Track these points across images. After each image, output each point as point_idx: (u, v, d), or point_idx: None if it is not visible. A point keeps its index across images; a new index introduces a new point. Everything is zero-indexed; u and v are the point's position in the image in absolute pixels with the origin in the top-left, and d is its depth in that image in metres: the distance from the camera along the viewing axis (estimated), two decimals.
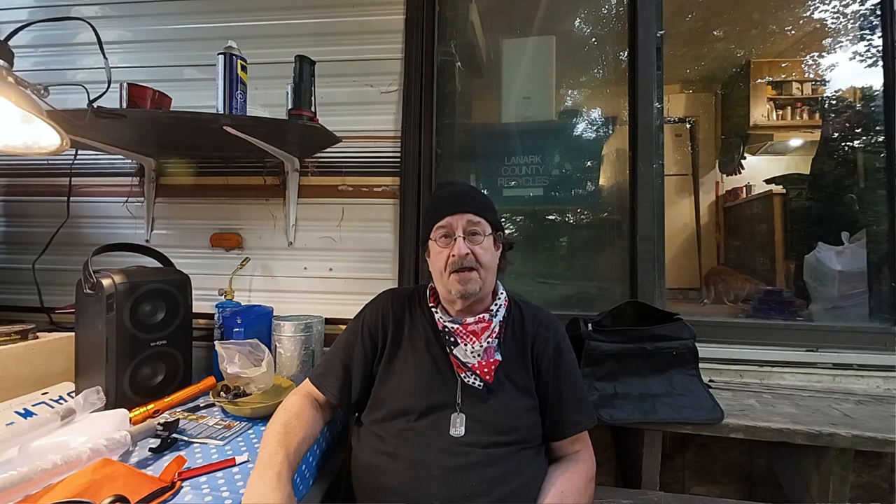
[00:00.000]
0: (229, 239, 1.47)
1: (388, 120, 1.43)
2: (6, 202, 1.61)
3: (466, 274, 0.81)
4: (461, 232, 0.82)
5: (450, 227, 0.83)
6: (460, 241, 0.81)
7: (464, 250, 0.80)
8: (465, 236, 0.82)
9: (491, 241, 0.85)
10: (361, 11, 1.45)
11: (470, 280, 0.81)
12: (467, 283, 0.81)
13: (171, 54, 1.53)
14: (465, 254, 0.80)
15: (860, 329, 1.30)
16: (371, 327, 0.90)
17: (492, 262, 0.85)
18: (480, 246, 0.83)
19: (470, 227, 0.83)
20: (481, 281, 0.83)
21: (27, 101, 0.80)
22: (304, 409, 0.83)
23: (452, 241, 0.82)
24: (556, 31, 1.67)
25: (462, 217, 0.83)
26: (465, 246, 0.80)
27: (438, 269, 0.84)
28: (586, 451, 0.87)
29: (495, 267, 0.87)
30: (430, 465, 0.76)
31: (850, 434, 0.91)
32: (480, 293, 0.84)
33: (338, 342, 0.93)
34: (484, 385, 0.82)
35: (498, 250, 0.89)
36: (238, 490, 0.69)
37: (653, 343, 1.06)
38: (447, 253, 0.82)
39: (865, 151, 1.85)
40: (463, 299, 0.83)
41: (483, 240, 0.83)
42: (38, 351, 1.08)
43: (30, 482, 0.63)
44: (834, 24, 2.67)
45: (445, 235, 0.83)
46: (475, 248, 0.82)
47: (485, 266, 0.83)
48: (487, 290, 0.87)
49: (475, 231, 0.83)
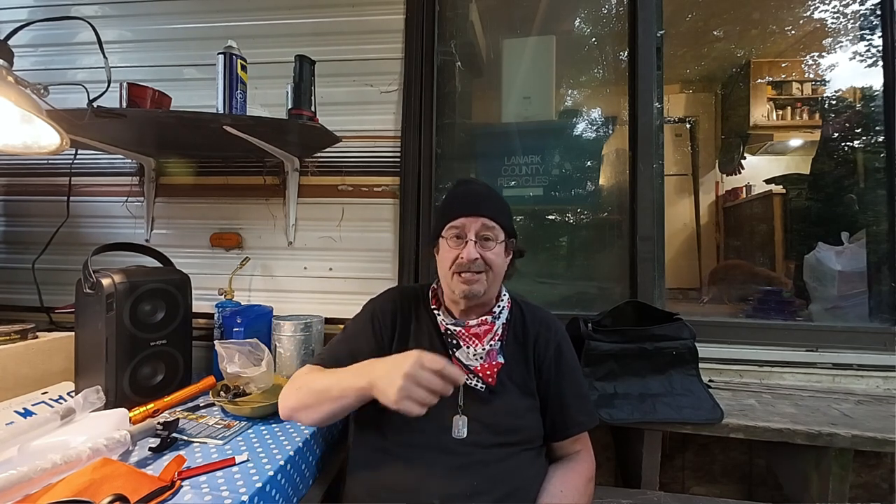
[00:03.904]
0: (229, 239, 1.47)
1: (388, 120, 1.43)
2: (6, 202, 1.61)
3: (473, 275, 0.80)
4: (473, 236, 0.80)
5: (463, 228, 0.81)
6: (471, 245, 0.79)
7: (473, 255, 0.79)
8: (477, 240, 0.80)
9: (503, 247, 0.83)
10: (361, 11, 1.45)
11: (476, 281, 0.80)
12: (472, 283, 0.80)
13: (171, 54, 1.53)
14: (475, 259, 0.79)
15: (860, 329, 1.30)
16: (381, 322, 0.88)
17: (501, 269, 0.84)
18: (492, 252, 0.81)
19: (483, 232, 0.81)
20: (487, 284, 0.82)
21: (27, 101, 0.80)
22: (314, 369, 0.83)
23: (463, 243, 0.81)
24: (556, 31, 1.67)
25: (477, 221, 0.81)
26: (475, 251, 0.79)
27: (445, 269, 0.83)
28: (586, 451, 0.87)
29: (503, 273, 0.86)
30: (431, 464, 0.76)
31: (850, 434, 0.91)
32: (484, 297, 0.83)
33: (345, 332, 0.91)
34: (486, 387, 0.81)
35: (508, 256, 0.87)
36: (238, 489, 0.69)
37: (653, 343, 1.06)
38: (456, 254, 0.81)
39: (865, 151, 1.85)
40: (466, 299, 0.82)
41: (495, 246, 0.82)
42: (38, 350, 1.08)
43: (29, 482, 0.63)
44: (834, 24, 2.67)
45: (457, 236, 0.82)
46: (486, 253, 0.80)
47: (494, 272, 0.82)
48: (492, 294, 0.86)
49: (488, 237, 0.81)
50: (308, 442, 0.89)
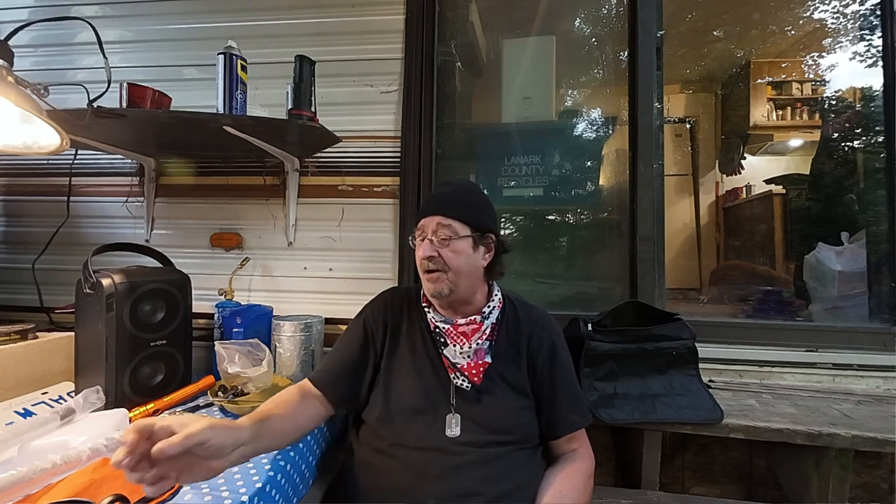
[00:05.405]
0: (229, 239, 1.47)
1: (388, 120, 1.43)
2: (6, 202, 1.61)
3: (433, 274, 0.82)
4: (430, 234, 0.82)
5: (423, 228, 0.84)
6: (426, 243, 0.82)
7: (426, 253, 0.81)
8: (434, 238, 0.82)
9: (468, 243, 0.83)
10: (361, 11, 1.45)
11: (437, 280, 0.82)
12: (435, 283, 0.82)
13: (171, 54, 1.53)
14: (428, 256, 0.81)
15: (860, 329, 1.30)
16: (371, 326, 0.90)
17: (464, 266, 0.82)
18: (449, 248, 0.81)
19: (439, 230, 0.82)
20: (450, 283, 0.82)
21: (27, 101, 0.80)
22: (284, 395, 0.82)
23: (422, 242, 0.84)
24: (556, 31, 1.68)
25: (433, 219, 0.83)
26: (429, 248, 0.81)
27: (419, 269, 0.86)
28: (584, 448, 0.87)
29: (473, 270, 0.85)
30: (427, 464, 0.76)
31: (850, 434, 0.91)
32: (453, 296, 0.83)
33: (339, 341, 0.93)
34: (472, 386, 0.82)
35: (488, 253, 0.87)
36: (238, 490, 0.69)
37: (653, 343, 1.06)
38: (419, 254, 0.83)
39: (865, 151, 1.85)
40: (435, 298, 0.84)
41: (452, 242, 0.82)
42: (38, 351, 1.08)
43: (29, 482, 0.63)
44: (834, 24, 2.67)
45: (420, 237, 0.85)
46: (443, 250, 0.81)
47: (454, 269, 0.81)
48: (463, 293, 0.84)
49: (444, 235, 0.82)
50: (308, 442, 0.89)
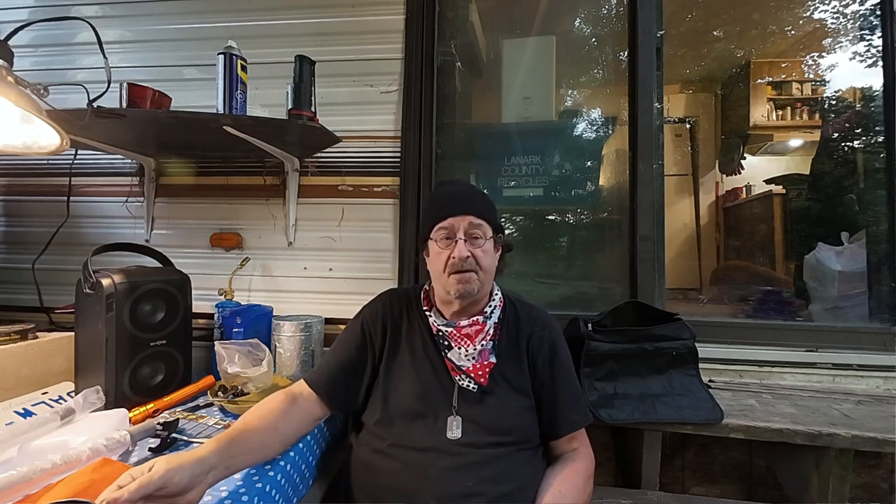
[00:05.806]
0: (229, 239, 1.47)
1: (388, 120, 1.43)
2: (6, 202, 1.61)
3: (466, 274, 0.81)
4: (462, 234, 0.81)
5: (451, 228, 0.82)
6: (461, 243, 0.80)
7: (465, 253, 0.80)
8: (466, 239, 0.81)
9: (491, 244, 0.85)
10: (361, 11, 1.45)
11: (469, 280, 0.81)
12: (466, 283, 0.81)
13: (171, 54, 1.53)
14: (466, 257, 0.80)
15: (860, 329, 1.30)
16: (370, 328, 0.90)
17: (491, 266, 0.85)
18: (481, 249, 0.82)
19: (472, 230, 0.82)
20: (479, 283, 0.82)
21: (27, 101, 0.80)
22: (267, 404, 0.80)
23: (453, 242, 0.82)
24: (556, 31, 1.68)
25: (464, 219, 0.82)
26: (465, 249, 0.80)
27: (438, 270, 0.84)
28: (584, 448, 0.87)
29: (494, 270, 0.87)
30: (427, 465, 0.76)
31: (850, 434, 0.91)
32: (478, 295, 0.84)
33: (336, 341, 0.93)
34: (478, 387, 0.82)
35: (497, 252, 0.88)
36: (238, 490, 0.69)
37: (653, 343, 1.06)
38: (447, 254, 0.82)
39: (865, 151, 1.85)
40: (461, 299, 0.83)
41: (484, 243, 0.83)
42: (38, 351, 1.08)
43: (29, 482, 0.63)
44: (834, 24, 2.67)
45: (447, 237, 0.83)
46: (476, 251, 0.82)
47: (484, 269, 0.83)
48: (485, 292, 0.87)
49: (476, 234, 0.83)
50: (308, 442, 0.89)
